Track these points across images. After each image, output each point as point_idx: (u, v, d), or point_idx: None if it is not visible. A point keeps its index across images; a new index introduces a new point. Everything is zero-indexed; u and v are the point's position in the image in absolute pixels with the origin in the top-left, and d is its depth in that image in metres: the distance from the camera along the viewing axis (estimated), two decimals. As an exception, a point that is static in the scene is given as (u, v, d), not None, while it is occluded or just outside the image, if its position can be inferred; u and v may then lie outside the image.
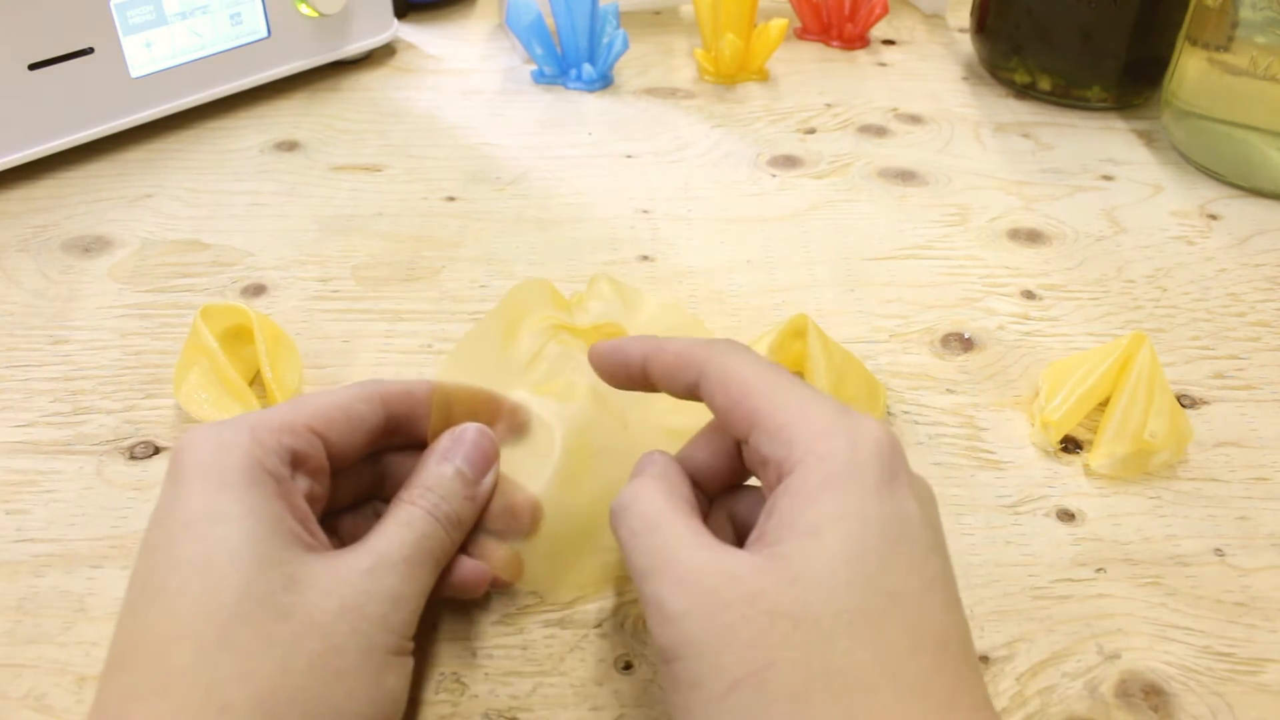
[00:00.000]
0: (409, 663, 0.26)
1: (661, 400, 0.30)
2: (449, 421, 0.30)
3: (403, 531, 0.27)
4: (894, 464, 0.24)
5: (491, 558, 0.30)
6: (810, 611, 0.22)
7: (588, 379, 0.32)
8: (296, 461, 0.27)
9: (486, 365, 0.34)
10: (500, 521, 0.30)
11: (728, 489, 0.29)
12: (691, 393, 0.28)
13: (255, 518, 0.24)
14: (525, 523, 0.30)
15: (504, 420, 0.31)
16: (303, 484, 0.27)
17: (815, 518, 0.23)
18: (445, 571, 0.28)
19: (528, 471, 0.31)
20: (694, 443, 0.29)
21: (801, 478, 0.24)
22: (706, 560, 0.24)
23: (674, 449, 0.30)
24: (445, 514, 0.28)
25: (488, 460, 0.30)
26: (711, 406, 0.27)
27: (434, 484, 0.28)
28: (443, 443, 0.29)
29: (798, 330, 0.38)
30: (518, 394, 0.32)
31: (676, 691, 0.23)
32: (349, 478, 0.30)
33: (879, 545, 0.23)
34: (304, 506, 0.26)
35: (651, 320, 0.38)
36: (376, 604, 0.25)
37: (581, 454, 0.31)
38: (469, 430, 0.30)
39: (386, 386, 0.29)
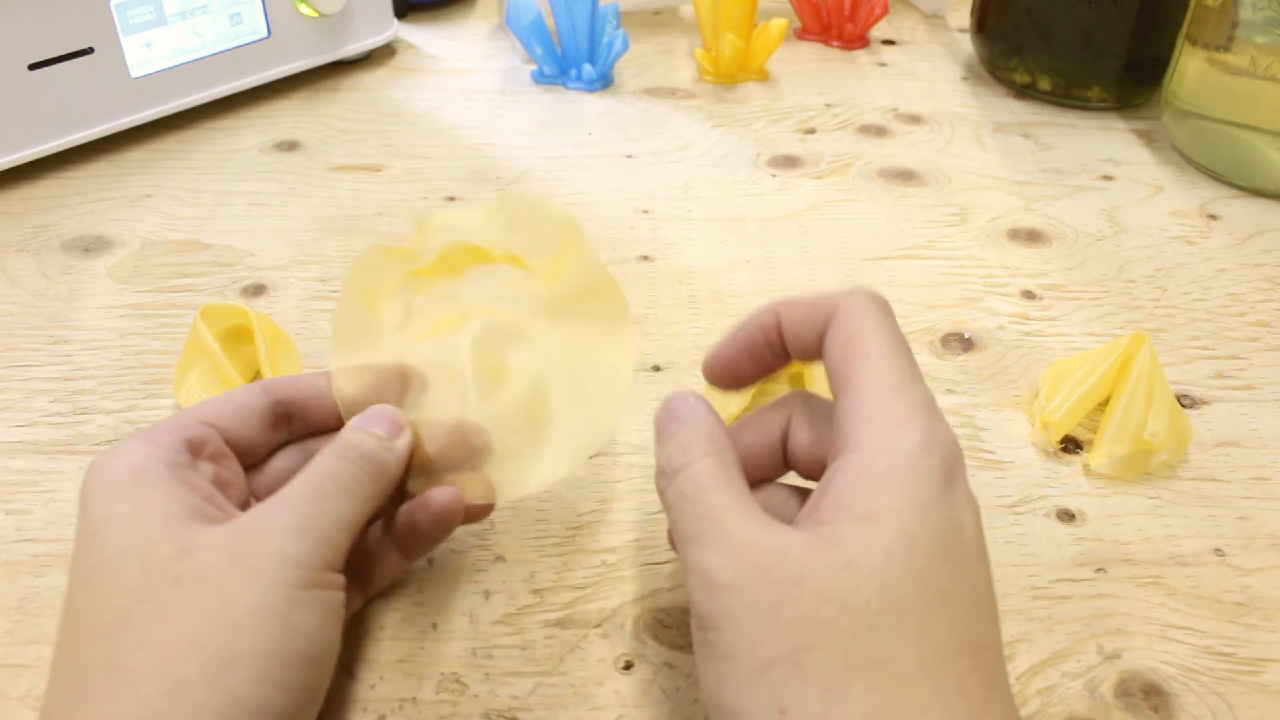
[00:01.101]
0: (330, 596, 0.25)
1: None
2: (359, 407, 0.30)
3: (303, 476, 0.27)
4: (956, 472, 0.24)
5: (460, 486, 0.30)
6: (858, 599, 0.22)
7: (463, 301, 0.32)
8: (193, 449, 0.27)
9: (367, 343, 0.33)
10: (450, 457, 0.30)
11: (761, 480, 0.29)
12: (817, 343, 0.27)
13: (146, 507, 0.25)
14: (473, 443, 0.30)
15: (410, 387, 0.31)
16: (206, 469, 0.27)
17: (875, 505, 0.23)
18: (419, 507, 0.29)
19: (450, 406, 0.30)
20: (743, 426, 0.29)
21: (866, 461, 0.24)
22: (757, 533, 0.23)
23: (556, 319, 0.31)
24: (357, 453, 0.28)
25: (396, 423, 0.29)
26: (827, 355, 0.26)
27: (343, 437, 0.28)
28: (351, 421, 0.29)
29: None
30: (411, 355, 0.31)
31: (709, 660, 0.23)
32: (279, 475, 0.30)
33: (933, 544, 0.23)
34: (206, 486, 0.27)
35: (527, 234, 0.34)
36: (271, 542, 0.25)
37: (491, 362, 0.31)
38: (372, 409, 0.30)
39: (268, 379, 0.31)
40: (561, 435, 0.30)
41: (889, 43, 0.69)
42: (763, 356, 0.29)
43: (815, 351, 0.27)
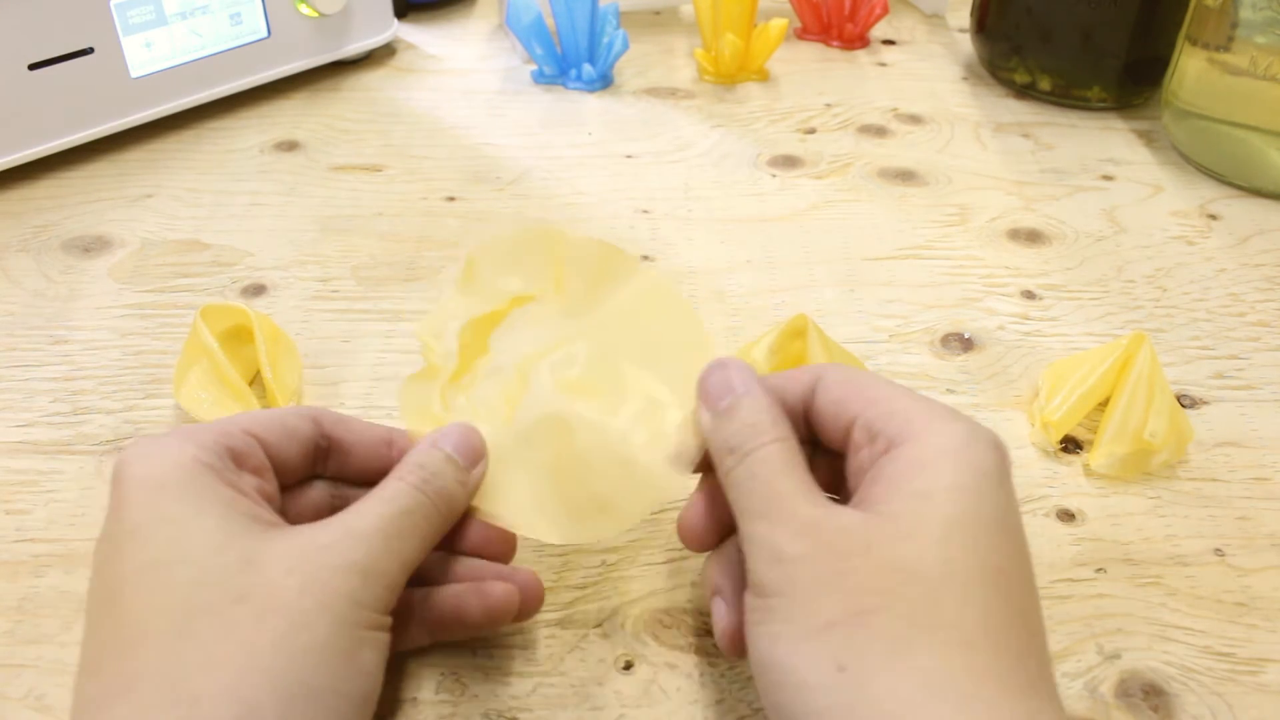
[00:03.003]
0: (384, 639, 0.25)
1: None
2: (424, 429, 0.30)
3: (380, 506, 0.26)
4: (1005, 462, 0.25)
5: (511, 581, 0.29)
6: (924, 566, 0.23)
7: (510, 366, 0.31)
8: (236, 459, 0.26)
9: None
10: (484, 547, 0.29)
11: None
12: (806, 400, 0.28)
13: (200, 511, 0.24)
14: (509, 542, 0.30)
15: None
16: (249, 480, 0.26)
17: (929, 484, 0.24)
18: (474, 593, 0.28)
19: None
20: (770, 387, 0.29)
21: (917, 448, 0.25)
22: (822, 514, 0.24)
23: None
24: (435, 489, 0.27)
25: (476, 452, 0.29)
26: (821, 403, 0.27)
27: (425, 461, 0.28)
28: (430, 435, 0.29)
29: (797, 330, 0.38)
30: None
31: (766, 624, 0.24)
32: (311, 507, 0.29)
33: (991, 521, 0.24)
34: (254, 493, 0.26)
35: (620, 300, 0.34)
36: (343, 578, 0.24)
37: (588, 379, 0.31)
38: (454, 425, 0.29)
39: (318, 409, 0.29)
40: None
41: (889, 43, 0.69)
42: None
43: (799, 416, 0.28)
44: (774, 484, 0.25)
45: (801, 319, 0.38)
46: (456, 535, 0.29)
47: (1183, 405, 0.39)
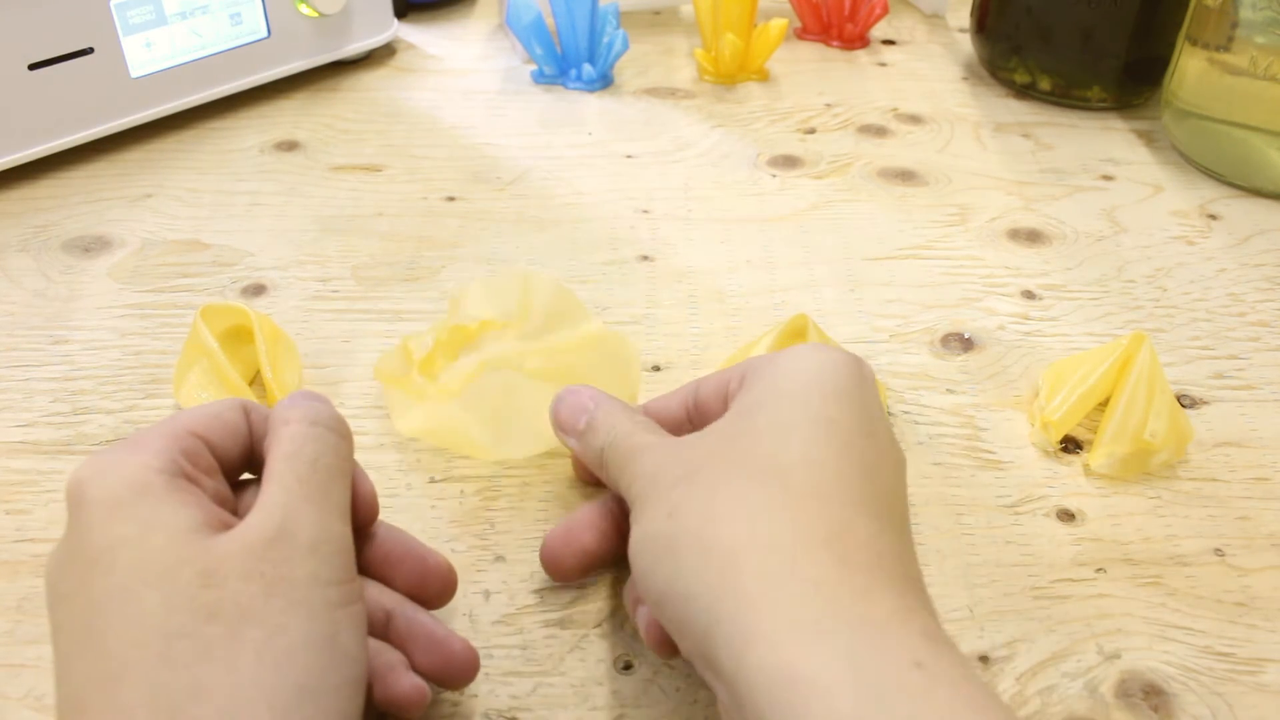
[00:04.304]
0: (359, 610, 0.24)
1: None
2: None
3: (293, 463, 0.25)
4: (858, 375, 0.27)
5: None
6: (749, 424, 0.26)
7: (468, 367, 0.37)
8: (189, 458, 0.25)
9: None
10: (419, 588, 0.29)
11: None
12: (687, 404, 0.32)
13: (153, 527, 0.23)
14: (446, 582, 0.29)
15: None
16: (202, 483, 0.26)
17: (765, 395, 0.27)
18: (379, 684, 0.26)
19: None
20: (655, 400, 0.33)
21: (768, 373, 0.28)
22: (674, 438, 0.28)
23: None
24: (326, 417, 0.27)
25: (328, 405, 0.28)
26: (701, 394, 0.31)
27: (293, 403, 0.27)
28: (280, 400, 0.28)
29: (797, 330, 0.38)
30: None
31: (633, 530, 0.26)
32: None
33: (828, 408, 0.26)
34: (203, 500, 0.25)
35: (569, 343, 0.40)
36: (298, 564, 0.23)
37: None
38: (297, 392, 0.28)
39: (245, 400, 0.28)
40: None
41: (889, 43, 0.69)
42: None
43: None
44: (632, 440, 0.28)
45: (801, 319, 0.38)
46: (391, 571, 0.28)
47: (1183, 405, 0.39)
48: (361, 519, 0.28)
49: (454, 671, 0.27)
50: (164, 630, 0.22)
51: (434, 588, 0.29)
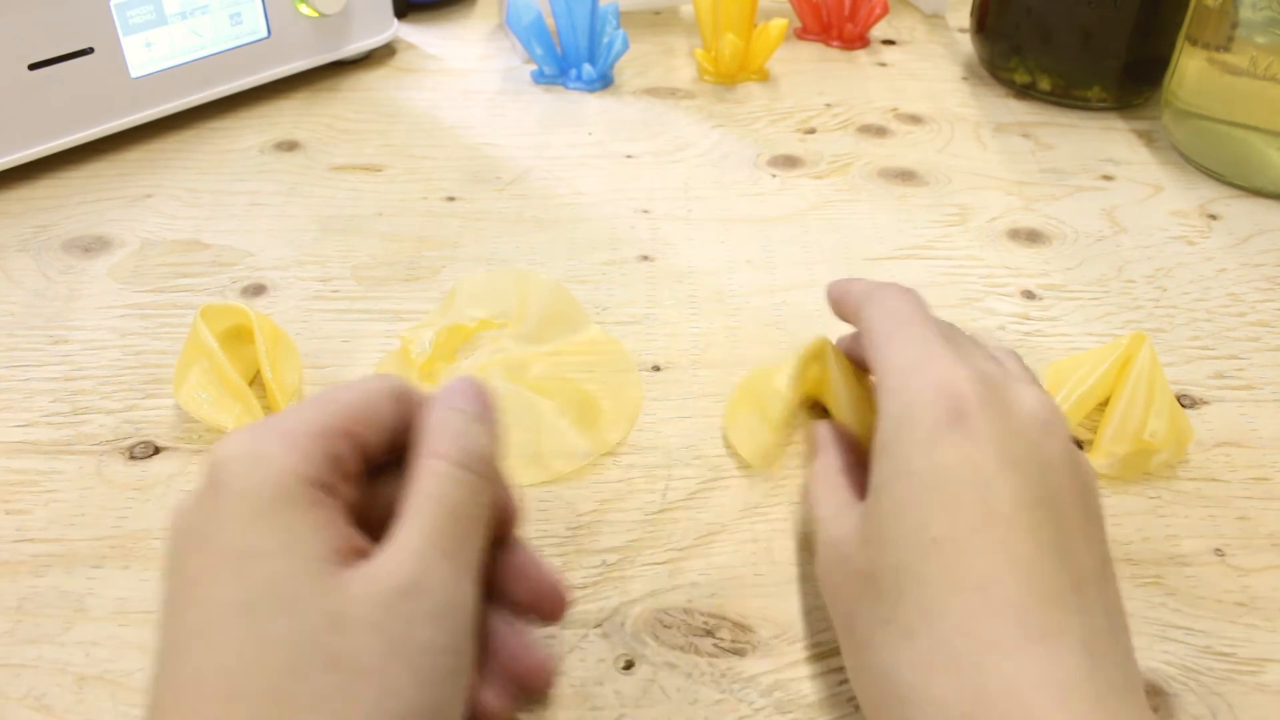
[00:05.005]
0: (465, 683, 0.24)
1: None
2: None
3: (433, 506, 0.24)
4: (951, 408, 0.26)
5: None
6: (874, 569, 0.26)
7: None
8: (336, 467, 0.24)
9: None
10: (536, 604, 0.28)
11: None
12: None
13: (291, 549, 0.23)
14: (559, 597, 0.28)
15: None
16: (341, 494, 0.25)
17: (876, 479, 0.27)
18: (503, 665, 0.26)
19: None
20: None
21: (879, 433, 0.27)
22: (831, 533, 0.28)
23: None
24: (474, 456, 0.26)
25: (486, 399, 0.27)
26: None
27: (446, 426, 0.26)
28: (437, 397, 0.27)
29: (816, 354, 0.35)
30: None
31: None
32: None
33: (920, 498, 0.25)
34: (340, 518, 0.24)
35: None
36: (421, 628, 0.23)
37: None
38: (455, 380, 0.27)
39: (394, 381, 0.27)
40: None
41: (889, 43, 0.69)
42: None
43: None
44: (813, 509, 0.30)
45: (820, 343, 0.36)
46: (504, 587, 0.27)
47: (1183, 405, 0.39)
48: (501, 531, 0.28)
49: (534, 682, 0.27)
50: (286, 665, 0.22)
51: (546, 609, 0.28)
